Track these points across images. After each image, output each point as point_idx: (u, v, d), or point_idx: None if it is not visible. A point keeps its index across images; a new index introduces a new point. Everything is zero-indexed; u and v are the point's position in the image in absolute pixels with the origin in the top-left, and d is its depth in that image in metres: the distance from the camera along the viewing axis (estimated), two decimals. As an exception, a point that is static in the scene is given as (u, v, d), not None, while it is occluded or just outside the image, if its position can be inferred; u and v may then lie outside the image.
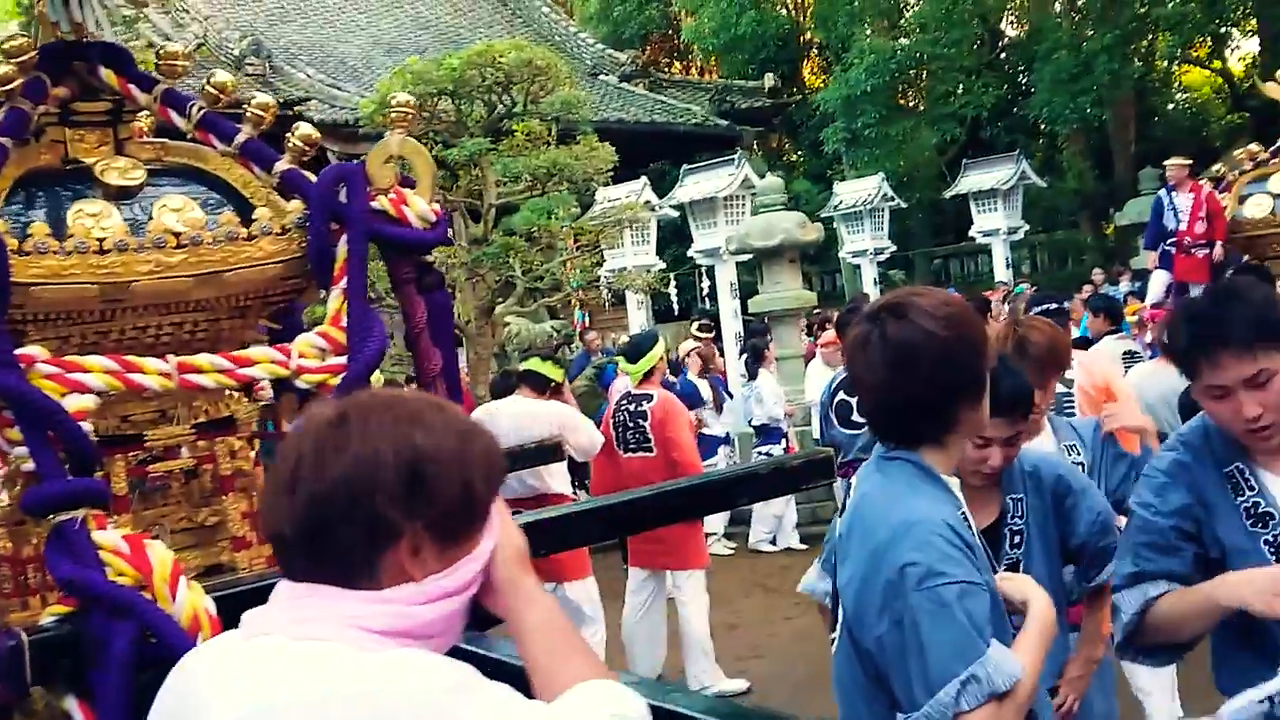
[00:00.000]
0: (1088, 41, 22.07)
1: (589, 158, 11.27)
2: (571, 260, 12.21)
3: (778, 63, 29.80)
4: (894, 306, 2.24)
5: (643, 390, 6.78)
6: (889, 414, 2.28)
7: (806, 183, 26.49)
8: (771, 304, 12.02)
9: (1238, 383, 2.33)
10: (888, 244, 20.00)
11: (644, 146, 22.71)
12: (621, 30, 32.27)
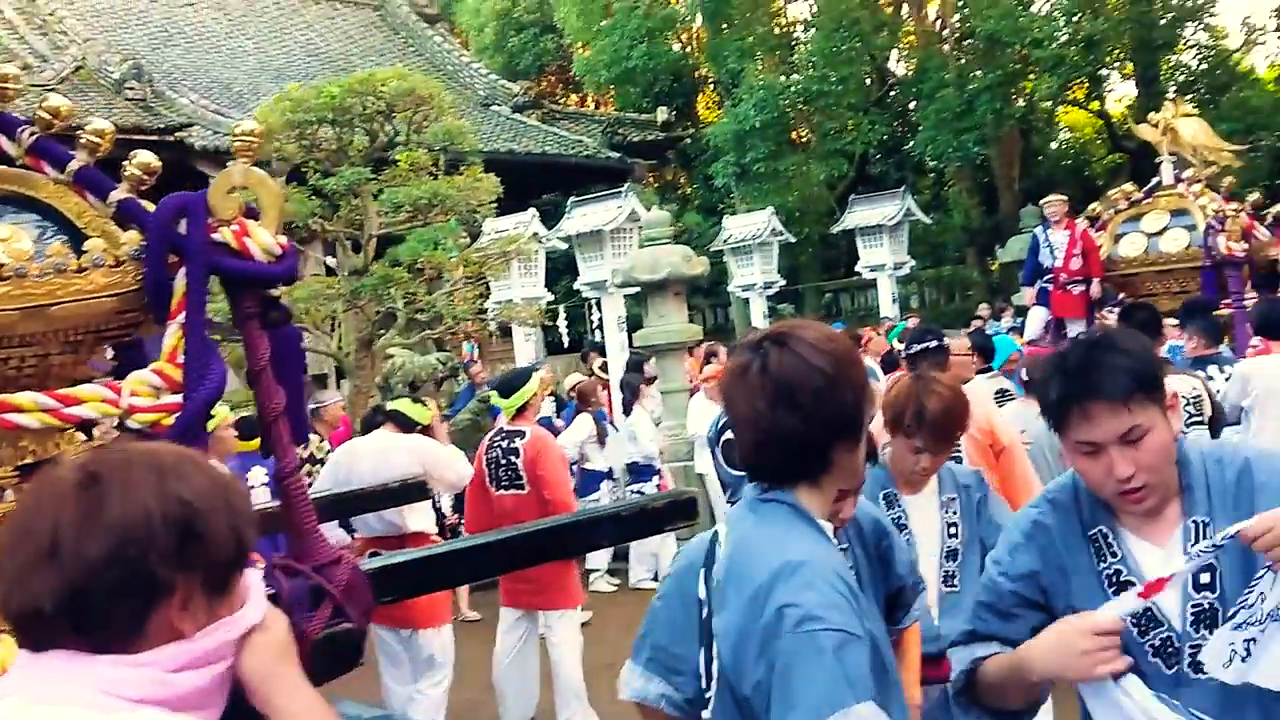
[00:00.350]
0: (971, 81, 22.54)
1: (472, 189, 11.16)
2: (455, 292, 12.06)
3: (673, 96, 30.03)
4: (778, 337, 2.16)
5: (515, 426, 6.66)
6: (763, 449, 2.16)
7: (698, 216, 26.69)
8: (656, 337, 11.98)
9: (1110, 438, 2.18)
10: (777, 278, 20.14)
11: (535, 178, 22.70)
12: (516, 61, 32.31)
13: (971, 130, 22.12)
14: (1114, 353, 2.22)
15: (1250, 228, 11.74)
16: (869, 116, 25.04)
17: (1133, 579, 2.24)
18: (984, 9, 22.21)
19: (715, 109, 31.25)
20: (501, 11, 32.25)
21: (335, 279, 10.93)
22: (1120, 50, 24.02)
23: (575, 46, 28.67)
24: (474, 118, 23.24)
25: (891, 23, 26.01)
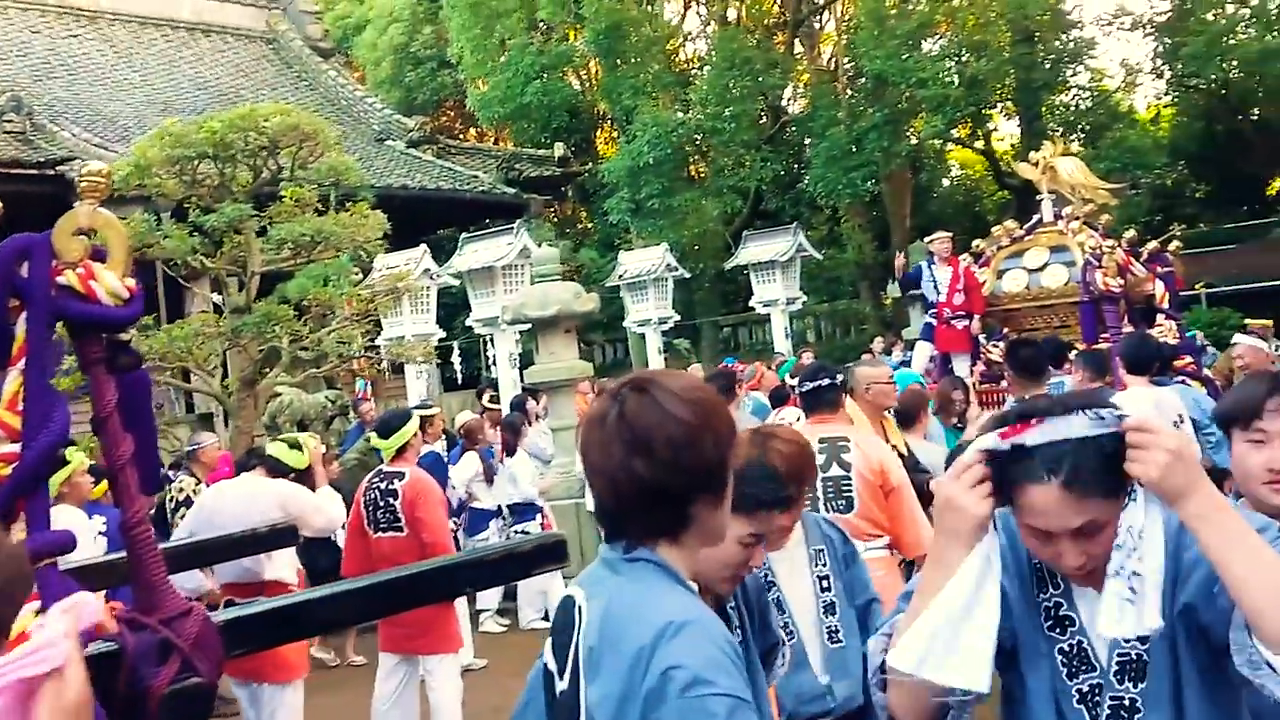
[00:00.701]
0: (860, 120, 22.90)
1: (358, 225, 11.03)
2: (342, 329, 11.88)
3: (571, 131, 30.06)
4: (638, 384, 2.05)
5: (394, 468, 6.56)
6: (621, 502, 2.02)
7: (593, 251, 26.73)
8: (547, 375, 11.94)
9: (1062, 531, 2.03)
10: (672, 313, 20.20)
11: (430, 213, 22.58)
12: (414, 95, 32.17)
13: (861, 168, 22.43)
14: (1079, 444, 2.02)
15: (1126, 264, 12.07)
16: (762, 153, 25.29)
17: (1072, 615, 2.18)
18: (871, 50, 22.61)
19: (614, 144, 31.37)
20: (398, 46, 32.08)
21: (216, 317, 10.70)
22: (1003, 91, 24.57)
23: (470, 82, 28.52)
24: (367, 152, 23.11)
25: (784, 62, 26.29)
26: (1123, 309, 11.85)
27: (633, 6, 25.96)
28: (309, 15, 28.05)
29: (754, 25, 29.39)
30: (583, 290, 12.42)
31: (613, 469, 1.99)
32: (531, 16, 27.61)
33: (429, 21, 31.67)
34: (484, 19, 26.49)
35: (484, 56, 26.72)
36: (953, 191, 35.05)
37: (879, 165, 23.23)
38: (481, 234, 16.43)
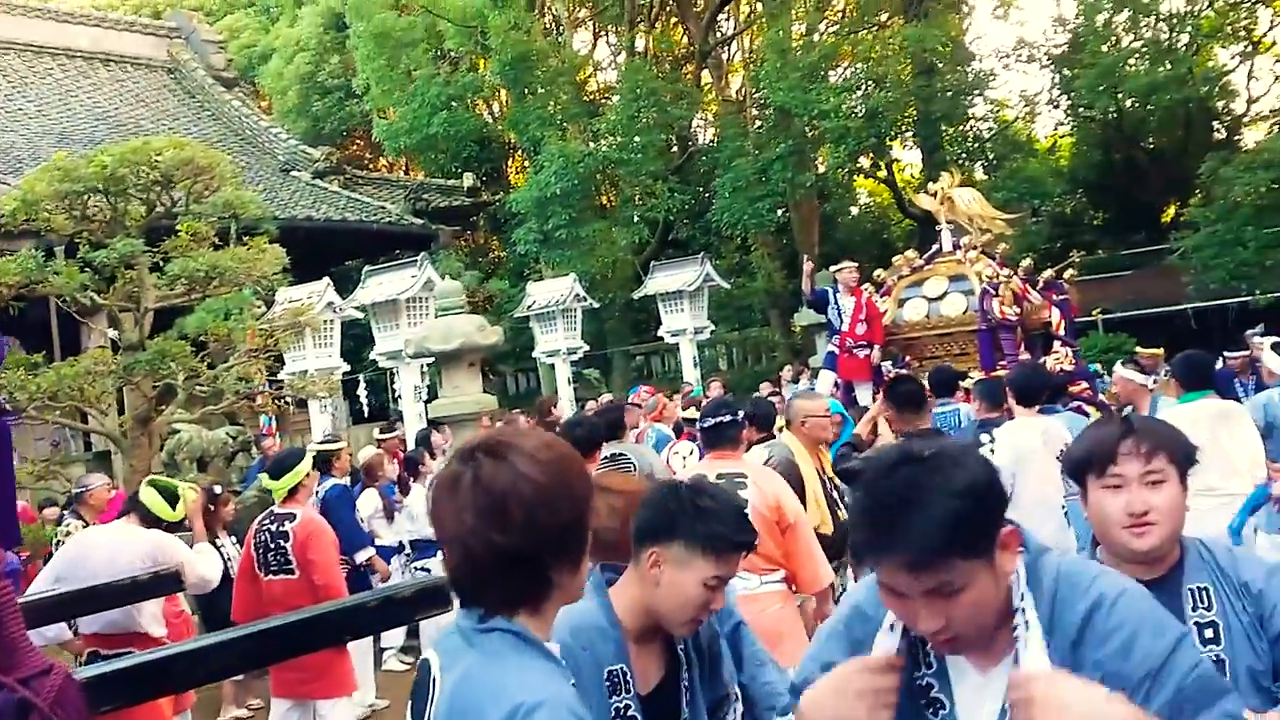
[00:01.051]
0: (766, 150, 23.10)
1: (255, 260, 10.85)
2: (241, 365, 11.66)
3: (481, 161, 29.97)
4: (491, 447, 1.97)
5: (286, 509, 6.44)
6: (477, 571, 1.94)
7: (502, 282, 26.57)
8: (451, 408, 11.84)
9: (914, 593, 1.93)
10: (580, 344, 20.17)
11: (336, 244, 22.37)
12: (322, 125, 31.83)
13: (767, 198, 22.59)
14: (929, 496, 1.90)
15: (1023, 292, 12.29)
16: (670, 184, 25.39)
17: (942, 699, 2.05)
18: (775, 82, 22.83)
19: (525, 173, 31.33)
20: (305, 75, 31.73)
21: (111, 354, 10.45)
22: (904, 122, 24.93)
23: (376, 113, 28.31)
24: (272, 184, 22.85)
25: (691, 93, 26.45)
26: (1020, 336, 12.07)
27: (540, 38, 25.98)
28: (212, 45, 27.71)
29: (662, 56, 29.59)
30: (486, 323, 12.36)
31: (466, 536, 1.92)
32: (438, 47, 27.54)
33: (336, 51, 31.40)
34: (390, 49, 26.33)
35: (390, 87, 26.54)
36: (861, 219, 35.48)
37: (785, 195, 23.43)
38: (385, 266, 16.28)
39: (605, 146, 23.85)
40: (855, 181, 31.07)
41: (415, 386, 15.28)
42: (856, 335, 12.16)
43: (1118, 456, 2.58)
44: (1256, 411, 7.34)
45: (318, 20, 31.53)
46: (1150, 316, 20.64)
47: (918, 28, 22.75)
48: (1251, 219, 16.73)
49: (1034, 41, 26.59)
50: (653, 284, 20.12)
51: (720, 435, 5.47)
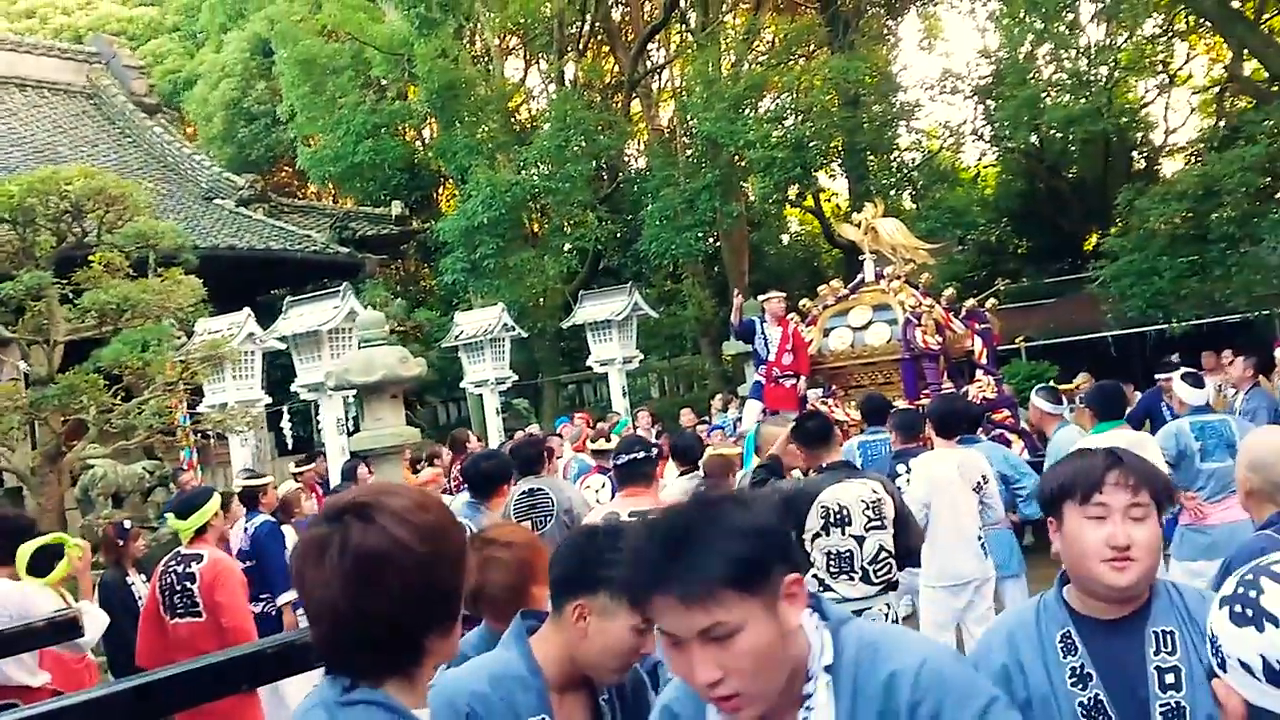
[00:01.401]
0: (693, 180, 23.15)
1: (169, 291, 10.64)
2: (156, 399, 11.41)
3: (411, 188, 29.77)
4: (360, 509, 1.88)
5: (193, 550, 6.29)
6: (344, 640, 1.86)
7: (430, 311, 26.36)
8: (373, 441, 11.65)
9: (687, 634, 1.87)
10: (509, 374, 20.04)
11: (260, 274, 22.08)
12: (248, 152, 31.46)
13: (694, 227, 22.62)
14: (704, 531, 1.89)
15: (945, 321, 12.41)
16: (598, 213, 25.38)
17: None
18: (701, 112, 22.93)
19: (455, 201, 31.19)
20: (231, 101, 31.37)
21: (18, 388, 10.19)
22: (829, 153, 25.10)
23: (301, 140, 27.99)
24: (194, 212, 22.53)
25: (619, 122, 26.47)
26: (942, 365, 12.18)
27: (468, 65, 25.89)
28: (133, 70, 27.31)
29: (592, 85, 29.64)
30: (409, 355, 12.20)
31: (334, 602, 1.84)
32: (365, 74, 27.35)
33: (263, 77, 31.09)
34: (315, 76, 26.09)
35: (315, 114, 26.28)
36: (791, 248, 35.75)
37: (713, 225, 23.49)
38: (307, 297, 16.05)
39: (534, 175, 23.74)
40: (785, 211, 31.24)
41: (338, 419, 15.04)
42: (783, 365, 12.22)
43: (1104, 486, 2.51)
44: (1168, 440, 7.44)
45: (244, 46, 31.23)
46: (1072, 344, 20.91)
47: (843, 59, 22.94)
48: (1167, 249, 17.02)
49: (959, 73, 26.93)
50: (581, 313, 20.04)
51: (633, 472, 5.44)
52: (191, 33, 36.21)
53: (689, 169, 24.16)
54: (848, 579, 5.53)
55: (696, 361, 28.45)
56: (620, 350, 19.62)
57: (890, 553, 5.61)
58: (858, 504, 5.52)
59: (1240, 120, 19.39)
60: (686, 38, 28.37)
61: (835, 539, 5.51)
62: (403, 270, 32.96)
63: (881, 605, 5.61)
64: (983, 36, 29.65)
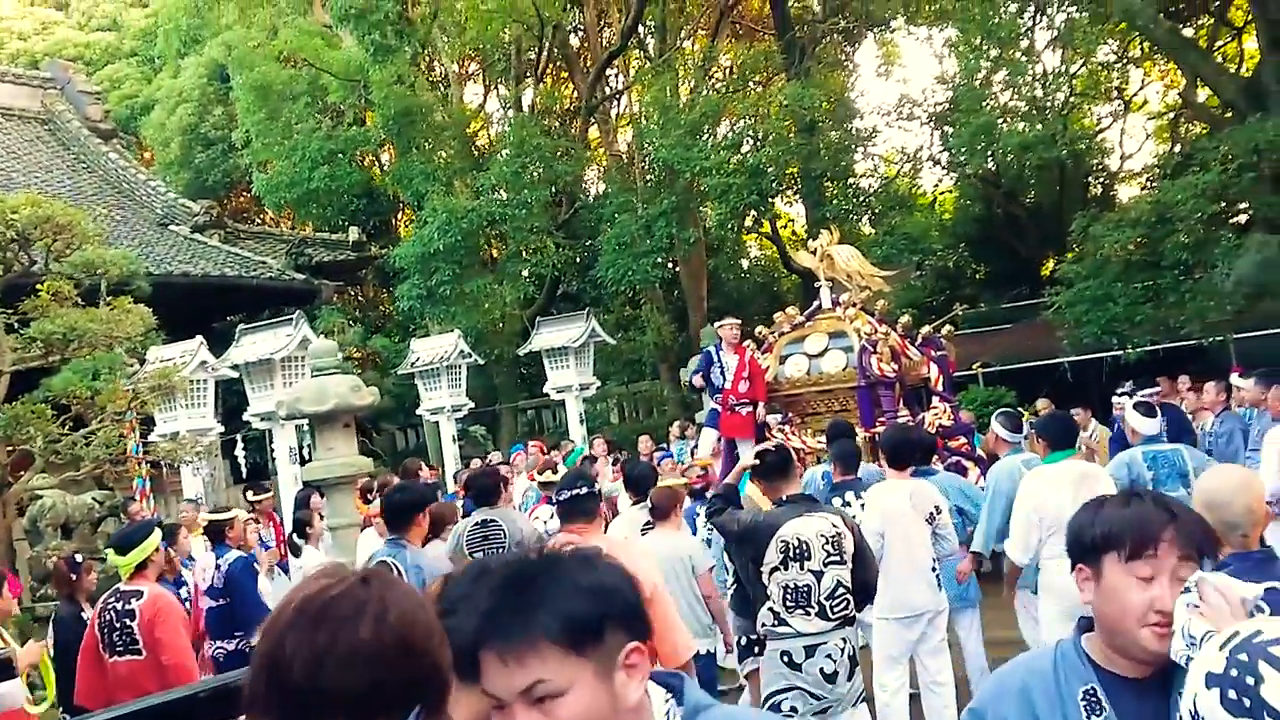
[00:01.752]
0: (650, 206, 23.14)
1: (117, 321, 10.49)
2: (105, 429, 11.24)
3: (369, 214, 29.64)
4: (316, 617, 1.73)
5: (132, 586, 6.15)
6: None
7: (386, 338, 26.20)
8: (325, 471, 11.48)
9: (511, 696, 1.72)
10: (465, 401, 19.95)
11: (215, 300, 21.88)
12: (205, 177, 31.26)
13: (651, 254, 22.60)
14: (540, 585, 1.75)
15: (901, 349, 12.40)
16: (555, 239, 25.33)
17: None
18: (657, 139, 22.94)
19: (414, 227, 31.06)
20: (188, 126, 31.18)
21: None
22: (785, 180, 25.15)
23: (257, 167, 27.77)
24: (149, 238, 22.31)
25: (576, 148, 26.42)
26: (898, 393, 12.16)
27: (425, 91, 25.83)
28: (89, 96, 27.11)
29: (549, 110, 29.63)
30: (361, 384, 12.04)
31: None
32: (321, 100, 27.21)
33: (220, 102, 30.93)
34: (271, 102, 25.96)
35: (270, 140, 26.14)
36: (751, 273, 35.79)
37: (669, 251, 23.47)
38: (260, 325, 15.89)
39: (491, 201, 23.64)
40: (743, 236, 31.29)
41: (290, 448, 14.88)
42: (739, 393, 12.16)
43: (1158, 545, 2.32)
44: (1120, 470, 7.43)
45: (201, 71, 31.05)
46: (1029, 369, 21.02)
47: (799, 86, 23.00)
48: (1121, 275, 17.09)
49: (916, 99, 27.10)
50: (538, 340, 19.99)
51: (576, 509, 5.34)
52: (149, 58, 35.98)
53: (646, 195, 24.14)
54: (804, 614, 5.49)
55: (655, 387, 28.37)
56: (577, 377, 19.57)
57: (848, 588, 5.57)
58: (817, 539, 5.49)
59: (1194, 147, 19.56)
60: (645, 64, 28.41)
61: (793, 573, 5.47)
62: (361, 296, 32.78)
63: (838, 640, 5.56)
64: (940, 63, 29.73)
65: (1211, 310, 16.61)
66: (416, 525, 6.33)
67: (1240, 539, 3.26)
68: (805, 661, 5.50)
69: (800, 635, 5.48)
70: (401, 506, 6.36)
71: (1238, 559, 3.25)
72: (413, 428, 26.93)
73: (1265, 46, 18.51)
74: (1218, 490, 3.34)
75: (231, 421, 18.28)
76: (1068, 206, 26.77)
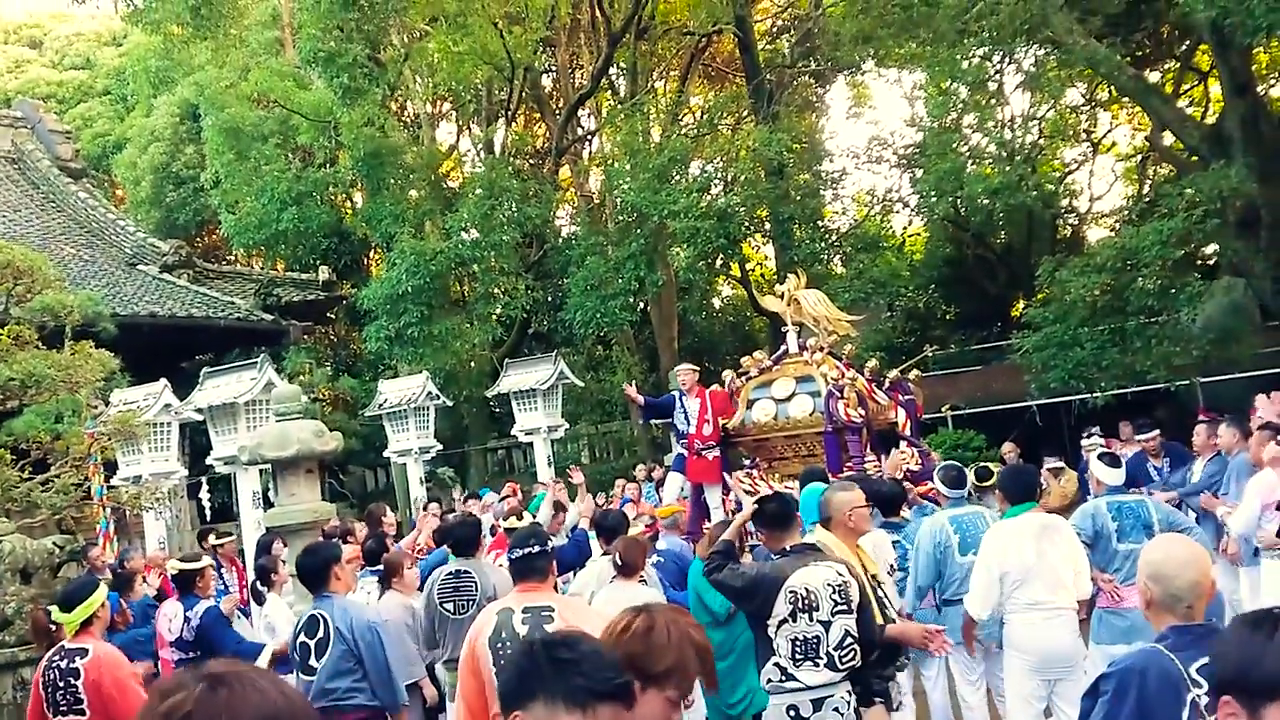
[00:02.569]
0: (619, 248, 23.15)
1: (77, 365, 10.38)
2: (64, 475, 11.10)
3: (340, 253, 29.55)
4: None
5: (77, 644, 5.98)
6: None
7: (353, 380, 26.02)
8: (286, 517, 11.40)
9: None
10: (433, 443, 19.83)
11: (182, 340, 21.75)
12: (175, 216, 31.17)
13: (620, 295, 22.59)
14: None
15: (869, 393, 12.36)
16: (525, 280, 25.32)
17: None
18: (626, 181, 22.98)
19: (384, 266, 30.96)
20: (159, 165, 31.11)
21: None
22: (754, 223, 25.19)
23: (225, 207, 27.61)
24: (117, 278, 22.20)
25: (545, 191, 26.39)
26: (865, 438, 12.10)
27: (396, 132, 25.83)
28: (59, 135, 27.07)
29: (520, 151, 29.66)
30: (325, 429, 11.98)
31: None
32: (291, 141, 27.16)
33: (191, 141, 30.87)
34: (241, 143, 25.90)
35: (239, 181, 26.05)
36: (721, 313, 35.83)
37: (638, 293, 23.45)
38: (224, 369, 15.75)
39: (461, 242, 23.60)
40: (713, 278, 31.32)
41: (254, 492, 14.73)
42: (704, 436, 12.08)
43: None
44: (1084, 521, 7.42)
45: (173, 110, 31.03)
46: (998, 413, 21.03)
47: (766, 131, 23.09)
48: (1087, 320, 17.15)
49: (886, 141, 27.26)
50: (506, 382, 19.91)
51: (529, 567, 5.26)
52: (121, 96, 35.98)
53: (615, 236, 24.15)
54: (812, 665, 5.31)
55: (625, 428, 28.30)
56: (546, 419, 19.48)
57: (855, 638, 5.42)
58: (825, 588, 5.32)
59: (1159, 192, 19.73)
60: (615, 106, 28.50)
61: (803, 625, 5.31)
62: (332, 334, 32.63)
63: (844, 693, 5.42)
64: (910, 105, 29.93)
65: (1177, 355, 16.68)
66: (335, 578, 6.47)
67: (1185, 611, 3.23)
68: (813, 716, 5.36)
69: (809, 689, 5.36)
70: (310, 570, 6.52)
71: (1175, 632, 3.23)
72: (382, 467, 26.75)
73: (1228, 93, 18.71)
74: (1164, 563, 3.32)
75: (198, 463, 18.11)
76: (1037, 248, 26.92)
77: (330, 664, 6.20)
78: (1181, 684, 3.04)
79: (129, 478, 14.46)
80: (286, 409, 11.94)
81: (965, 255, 30.08)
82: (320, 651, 6.25)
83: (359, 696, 6.22)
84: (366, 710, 6.23)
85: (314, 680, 6.18)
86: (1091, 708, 3.18)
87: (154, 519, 14.94)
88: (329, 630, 6.25)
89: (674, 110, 28.05)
